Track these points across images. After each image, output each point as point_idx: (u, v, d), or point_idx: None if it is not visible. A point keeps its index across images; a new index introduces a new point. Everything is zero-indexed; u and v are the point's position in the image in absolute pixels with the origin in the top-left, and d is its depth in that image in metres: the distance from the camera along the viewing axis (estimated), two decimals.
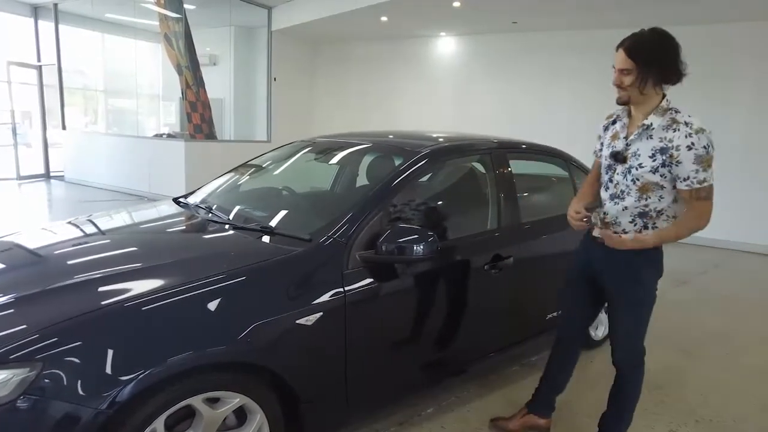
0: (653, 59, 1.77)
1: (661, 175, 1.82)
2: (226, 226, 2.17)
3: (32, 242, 2.14)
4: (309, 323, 1.70)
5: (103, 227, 2.39)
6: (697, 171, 1.77)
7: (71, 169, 9.66)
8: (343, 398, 1.91)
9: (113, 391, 1.35)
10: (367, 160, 2.73)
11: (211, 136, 8.52)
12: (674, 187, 1.84)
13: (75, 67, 10.36)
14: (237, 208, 2.43)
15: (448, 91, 9.07)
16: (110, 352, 1.40)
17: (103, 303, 1.52)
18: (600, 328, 3.35)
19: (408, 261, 1.96)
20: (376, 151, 2.69)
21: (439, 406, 2.52)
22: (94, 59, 10.78)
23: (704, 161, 1.76)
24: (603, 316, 3.38)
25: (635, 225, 1.93)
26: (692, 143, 1.76)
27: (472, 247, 2.38)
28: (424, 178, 2.49)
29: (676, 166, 1.79)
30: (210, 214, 2.34)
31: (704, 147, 1.76)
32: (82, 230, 2.32)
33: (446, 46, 9.07)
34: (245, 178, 2.89)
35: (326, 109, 10.51)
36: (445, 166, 2.62)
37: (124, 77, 10.69)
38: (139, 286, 1.62)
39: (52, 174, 9.98)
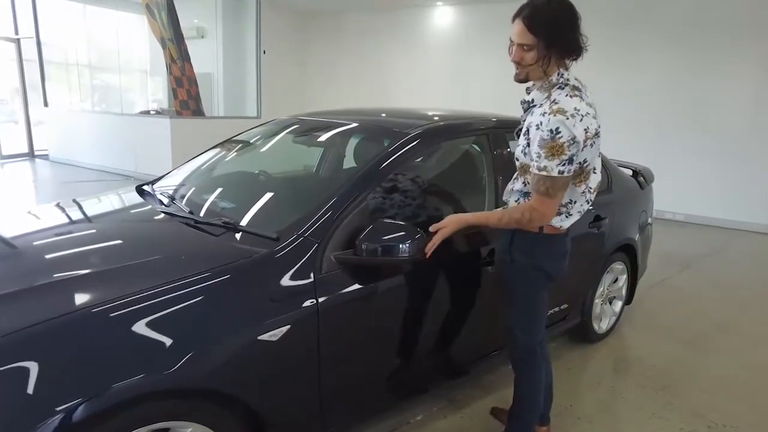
0: (557, 33, 1.54)
1: (531, 158, 1.63)
2: (185, 221, 1.89)
3: None
4: (274, 339, 1.46)
5: (41, 225, 2.09)
6: (539, 156, 1.56)
7: (56, 148, 9.31)
8: (317, 418, 1.69)
9: (40, 426, 1.13)
10: (353, 141, 2.46)
11: (198, 112, 8.19)
12: None
13: (55, 40, 9.88)
14: (202, 198, 2.16)
15: (445, 64, 8.70)
16: (37, 378, 1.17)
17: (30, 320, 1.27)
18: (604, 320, 3.15)
19: (392, 263, 1.71)
20: (362, 131, 2.42)
21: (430, 411, 2.32)
22: (75, 32, 10.28)
23: (547, 147, 1.52)
24: (608, 308, 3.19)
25: (518, 204, 1.78)
26: (540, 123, 1.56)
27: (466, 241, 2.14)
28: (414, 163, 2.23)
29: (531, 146, 1.62)
30: (169, 203, 2.08)
31: (550, 131, 1.52)
32: (17, 227, 2.04)
33: (443, 16, 8.65)
34: (218, 162, 2.62)
35: (318, 84, 10.14)
36: (438, 148, 2.36)
37: (107, 51, 10.26)
38: (74, 300, 1.38)
39: (36, 153, 9.63)
